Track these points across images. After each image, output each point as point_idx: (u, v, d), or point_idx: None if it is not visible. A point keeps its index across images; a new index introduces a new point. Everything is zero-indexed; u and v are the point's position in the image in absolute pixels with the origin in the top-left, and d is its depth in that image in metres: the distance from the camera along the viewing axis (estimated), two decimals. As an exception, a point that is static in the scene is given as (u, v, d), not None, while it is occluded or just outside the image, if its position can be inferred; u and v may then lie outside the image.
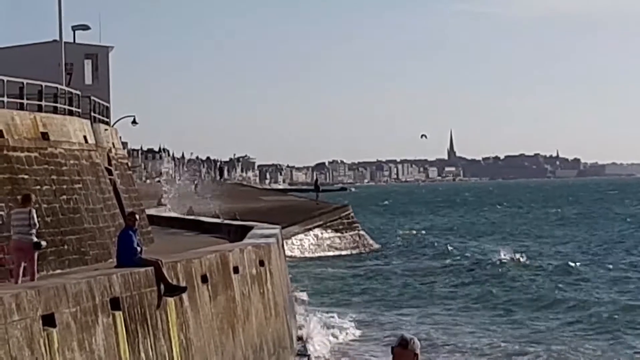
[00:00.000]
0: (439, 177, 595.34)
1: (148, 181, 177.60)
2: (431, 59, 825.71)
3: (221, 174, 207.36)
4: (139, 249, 19.66)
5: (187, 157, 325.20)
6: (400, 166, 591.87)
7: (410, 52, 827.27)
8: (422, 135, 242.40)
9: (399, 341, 8.59)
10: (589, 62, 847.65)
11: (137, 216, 21.47)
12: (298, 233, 65.92)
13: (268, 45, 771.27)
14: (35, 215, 20.59)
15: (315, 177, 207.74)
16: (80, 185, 28.20)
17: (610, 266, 55.91)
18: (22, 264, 20.26)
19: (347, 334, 35.40)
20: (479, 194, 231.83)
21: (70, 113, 30.85)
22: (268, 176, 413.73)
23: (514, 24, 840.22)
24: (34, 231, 20.38)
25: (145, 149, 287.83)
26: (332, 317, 37.57)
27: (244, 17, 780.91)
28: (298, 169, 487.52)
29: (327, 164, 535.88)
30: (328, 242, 68.67)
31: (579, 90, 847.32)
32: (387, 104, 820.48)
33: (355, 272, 56.06)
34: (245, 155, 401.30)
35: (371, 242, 73.72)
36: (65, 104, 30.92)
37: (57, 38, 37.55)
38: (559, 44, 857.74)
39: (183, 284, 19.72)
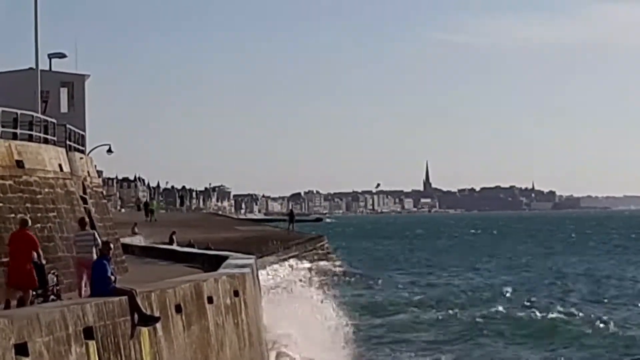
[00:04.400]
0: (415, 209, 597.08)
1: (123, 210, 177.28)
2: (407, 89, 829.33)
3: (182, 202, 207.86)
4: (113, 278, 19.62)
5: (162, 185, 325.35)
6: (376, 197, 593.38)
7: (386, 81, 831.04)
8: (377, 185, 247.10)
9: None
10: (565, 93, 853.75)
11: (112, 245, 21.59)
12: (273, 263, 65.89)
13: (244, 75, 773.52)
14: (98, 236, 23.83)
15: (290, 207, 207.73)
16: (54, 214, 28.11)
17: None
18: (84, 278, 22.83)
19: None
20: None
21: (46, 141, 30.78)
22: (244, 206, 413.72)
23: (491, 54, 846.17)
24: (94, 250, 22.94)
25: (120, 177, 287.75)
26: None
27: (221, 48, 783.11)
28: (274, 199, 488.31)
29: (302, 194, 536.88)
30: (303, 272, 68.66)
31: (555, 122, 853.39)
32: (363, 135, 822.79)
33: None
34: (221, 185, 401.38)
35: (347, 272, 73.71)
36: (40, 132, 30.85)
37: (34, 66, 37.48)
38: (536, 75, 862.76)
39: (157, 313, 19.66)
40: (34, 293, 21.29)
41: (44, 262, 21.69)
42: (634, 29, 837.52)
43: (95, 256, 22.71)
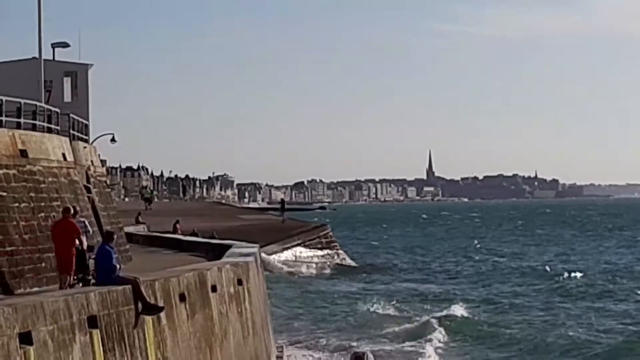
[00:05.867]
0: (418, 197, 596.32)
1: (127, 199, 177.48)
2: (410, 79, 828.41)
3: (184, 191, 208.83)
4: (117, 266, 19.68)
5: (165, 175, 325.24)
6: (379, 186, 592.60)
7: (389, 71, 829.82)
8: None
9: (352, 358, 8.79)
10: (568, 83, 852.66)
11: (115, 235, 21.78)
12: (277, 252, 65.91)
13: (247, 63, 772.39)
14: (87, 224, 24.70)
15: (281, 198, 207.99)
16: (58, 203, 28.09)
17: None
18: None
19: None
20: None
21: (49, 130, 30.76)
22: (247, 195, 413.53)
23: (492, 44, 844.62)
24: (84, 237, 23.16)
25: (124, 166, 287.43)
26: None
27: (223, 37, 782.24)
28: (277, 187, 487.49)
29: (305, 183, 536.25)
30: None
31: (558, 111, 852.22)
32: (366, 124, 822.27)
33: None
34: (224, 174, 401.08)
35: (349, 261, 73.77)
36: (44, 122, 30.82)
37: (37, 55, 37.43)
38: (538, 65, 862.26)
39: (161, 302, 19.70)
40: (75, 277, 22.19)
41: (85, 247, 22.51)
42: (637, 19, 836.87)
43: (86, 244, 23.14)
